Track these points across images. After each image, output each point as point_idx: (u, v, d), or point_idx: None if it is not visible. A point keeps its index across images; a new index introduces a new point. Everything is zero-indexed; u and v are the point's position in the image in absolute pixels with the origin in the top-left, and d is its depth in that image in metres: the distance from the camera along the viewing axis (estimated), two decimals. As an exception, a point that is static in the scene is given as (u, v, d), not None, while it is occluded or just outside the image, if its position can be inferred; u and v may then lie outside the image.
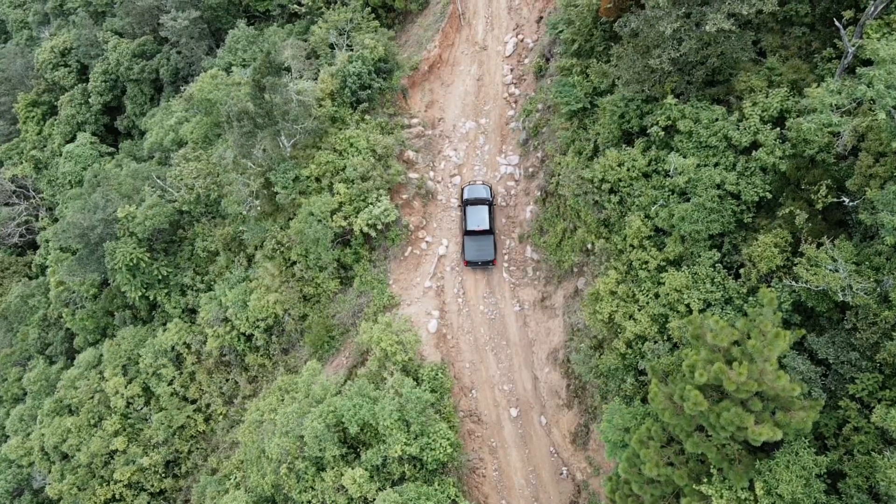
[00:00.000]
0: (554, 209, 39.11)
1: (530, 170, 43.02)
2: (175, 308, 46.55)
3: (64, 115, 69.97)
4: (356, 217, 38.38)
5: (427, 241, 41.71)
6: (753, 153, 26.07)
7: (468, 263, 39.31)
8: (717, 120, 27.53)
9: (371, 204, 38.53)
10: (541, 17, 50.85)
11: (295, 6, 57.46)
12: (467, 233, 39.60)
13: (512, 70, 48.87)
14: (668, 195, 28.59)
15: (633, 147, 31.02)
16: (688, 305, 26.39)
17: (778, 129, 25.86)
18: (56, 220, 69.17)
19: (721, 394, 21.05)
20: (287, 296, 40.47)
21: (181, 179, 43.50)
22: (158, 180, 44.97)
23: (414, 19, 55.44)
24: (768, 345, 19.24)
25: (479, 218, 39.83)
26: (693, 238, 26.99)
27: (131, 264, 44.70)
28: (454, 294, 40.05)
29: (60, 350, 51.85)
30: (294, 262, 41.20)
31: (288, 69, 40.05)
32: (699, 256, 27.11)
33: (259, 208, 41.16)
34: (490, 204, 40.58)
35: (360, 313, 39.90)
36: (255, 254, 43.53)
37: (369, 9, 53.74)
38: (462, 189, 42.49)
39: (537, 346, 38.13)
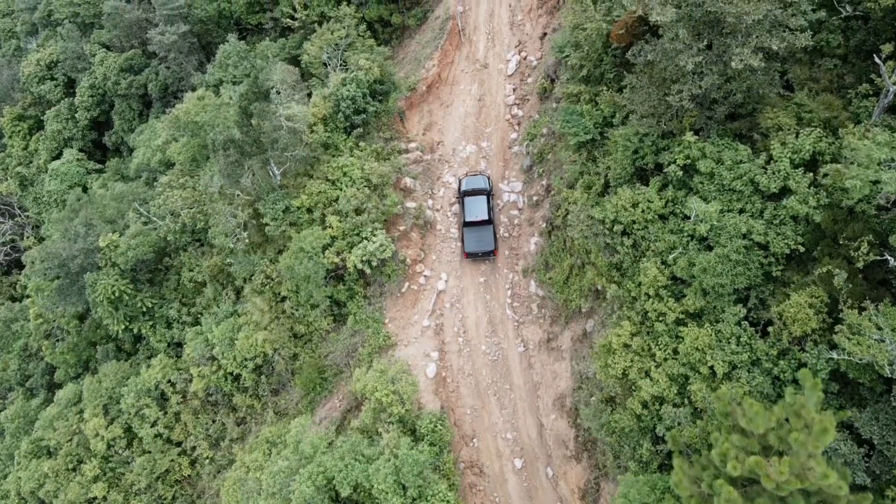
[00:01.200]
0: (560, 243, 36.72)
1: (535, 198, 40.64)
2: (160, 342, 44.16)
3: (50, 131, 67.57)
4: (349, 253, 36.00)
5: (425, 276, 39.31)
6: (784, 201, 23.68)
7: (468, 255, 38.28)
8: (742, 162, 25.15)
9: (365, 239, 36.15)
10: (544, 34, 48.52)
11: (288, 20, 55.10)
12: (466, 224, 38.56)
13: (514, 90, 46.51)
14: (688, 241, 26.22)
15: (647, 186, 28.64)
16: (711, 368, 24.00)
17: (811, 174, 23.47)
18: (42, 240, 66.86)
19: (756, 484, 18.66)
20: (277, 334, 38.07)
21: (166, 207, 41.06)
22: (142, 209, 42.50)
23: (412, 34, 53.11)
24: (813, 439, 16.85)
25: (477, 208, 38.79)
26: (716, 292, 24.60)
27: (113, 297, 42.29)
28: (454, 333, 37.65)
29: (41, 383, 49.45)
30: (284, 298, 38.84)
31: (278, 92, 37.62)
32: (723, 312, 24.72)
33: (247, 240, 38.76)
34: (489, 194, 39.53)
35: (354, 353, 37.51)
36: (244, 287, 41.13)
37: (365, 24, 51.44)
38: (460, 180, 41.05)
39: (543, 390, 35.73)
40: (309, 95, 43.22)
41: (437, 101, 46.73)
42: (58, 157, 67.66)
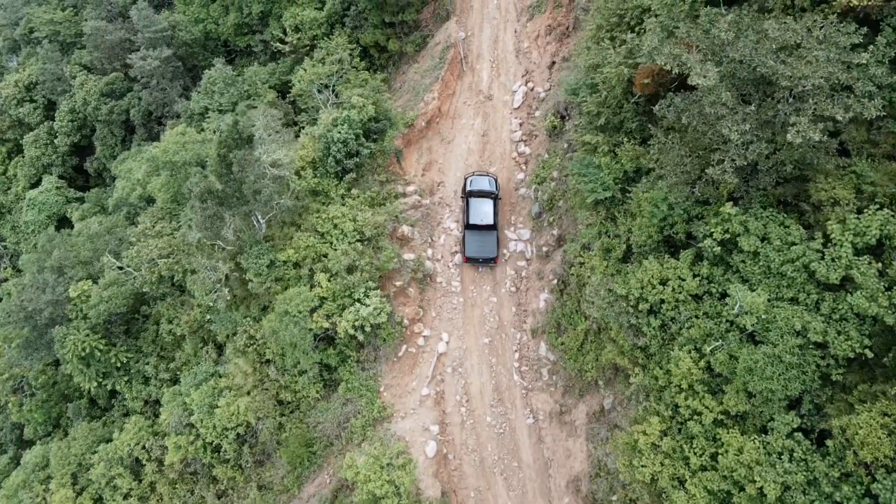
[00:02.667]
0: (574, 304, 33.14)
1: (544, 249, 37.09)
2: (136, 399, 40.60)
3: (29, 157, 63.99)
4: (340, 317, 32.43)
5: (424, 336, 35.71)
6: (847, 296, 20.11)
7: (468, 260, 36.69)
8: (793, 243, 21.58)
9: (358, 301, 32.60)
10: (553, 63, 45.01)
11: (278, 44, 51.59)
12: (469, 227, 36.81)
13: (521, 124, 42.98)
14: (727, 328, 22.68)
15: (677, 258, 25.08)
16: (760, 489, 20.43)
17: (879, 264, 19.92)
18: (20, 271, 63.26)
19: None
20: (261, 401, 34.49)
21: (139, 259, 37.50)
22: (115, 260, 38.89)
23: (410, 60, 49.58)
24: None
25: (482, 211, 36.93)
26: (764, 396, 21.04)
27: (84, 353, 38.72)
28: (456, 402, 34.08)
29: (10, 438, 45.88)
30: (270, 360, 35.29)
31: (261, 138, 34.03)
32: (771, 419, 21.16)
33: (228, 296, 35.19)
34: (495, 197, 37.52)
35: (345, 425, 33.88)
36: (226, 344, 37.55)
37: (360, 51, 47.99)
38: (465, 179, 38.75)
39: (555, 468, 32.16)
40: (297, 134, 39.73)
41: (437, 136, 43.17)
42: (37, 184, 64.19)
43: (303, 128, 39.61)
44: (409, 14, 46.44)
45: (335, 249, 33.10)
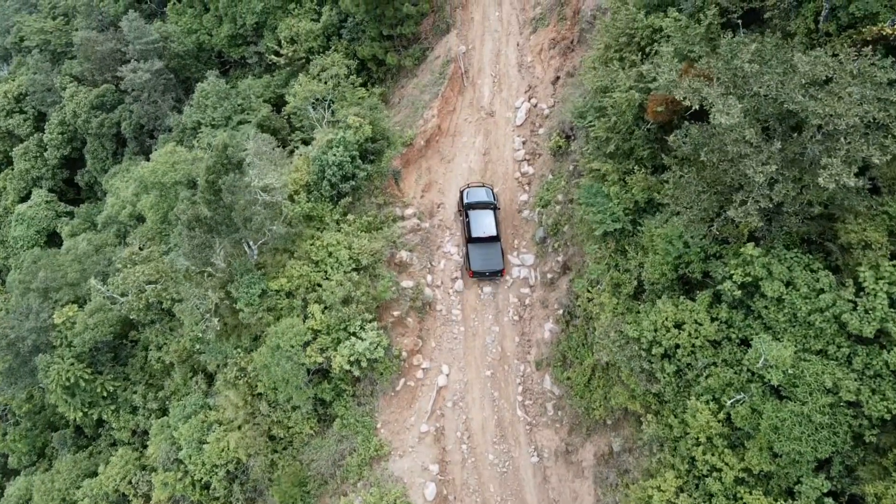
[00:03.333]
0: (581, 337, 31.50)
1: (549, 276, 35.48)
2: (123, 430, 39.00)
3: (18, 170, 62.36)
4: (335, 351, 30.82)
5: (424, 369, 34.10)
6: (883, 352, 18.51)
7: (474, 274, 35.34)
8: (822, 291, 19.98)
9: (353, 335, 31.01)
10: (557, 78, 43.39)
11: (273, 57, 50.00)
12: (471, 240, 35.77)
13: (524, 143, 41.38)
14: (749, 379, 21.09)
15: (694, 299, 23.48)
16: (788, 561, 18.85)
17: (918, 318, 18.33)
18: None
19: None
20: (252, 437, 32.89)
21: (125, 287, 35.89)
22: (101, 286, 37.24)
23: (409, 74, 47.95)
24: None
25: (484, 223, 36.08)
26: (790, 457, 19.44)
27: (68, 383, 37.13)
28: (457, 438, 32.46)
29: (-6, 467, 44.31)
30: (261, 394, 33.67)
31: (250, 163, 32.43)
32: (799, 482, 19.55)
33: (218, 326, 33.58)
34: (495, 208, 36.82)
35: (341, 463, 32.27)
36: (217, 374, 35.95)
37: (357, 63, 46.42)
38: (461, 192, 37.88)
39: (561, 511, 30.56)
40: (292, 153, 38.14)
41: (436, 155, 41.56)
42: (26, 197, 62.58)
43: (297, 147, 37.98)
44: (407, 27, 44.86)
45: (330, 280, 31.49)
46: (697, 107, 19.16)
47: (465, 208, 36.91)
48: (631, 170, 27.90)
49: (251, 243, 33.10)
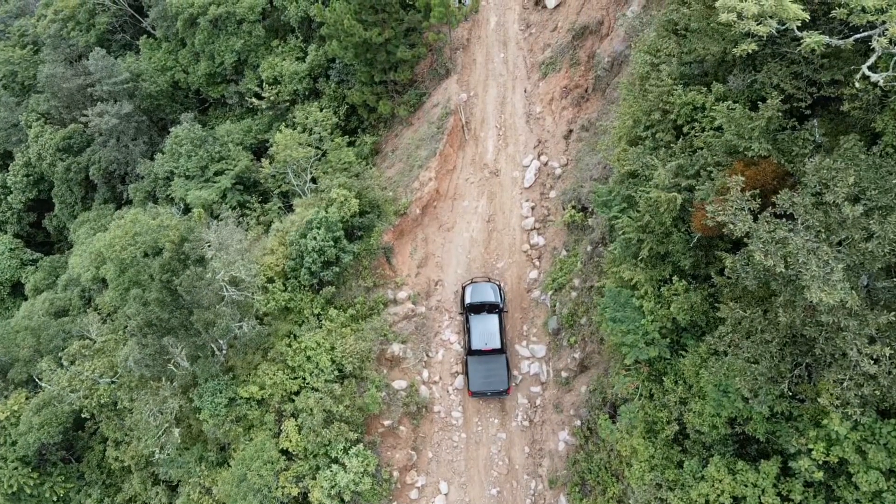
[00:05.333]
0: (603, 457, 26.74)
1: (563, 374, 30.73)
2: (77, 539, 34.16)
3: (-20, 214, 57.54)
4: (314, 480, 26.01)
5: (418, 488, 29.36)
6: None
7: (474, 394, 30.21)
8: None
9: (336, 460, 26.19)
10: (570, 131, 38.61)
11: (254, 100, 45.20)
12: (471, 352, 30.62)
13: (533, 208, 36.58)
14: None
15: (756, 466, 18.69)
16: None
17: None
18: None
19: None
20: (218, 570, 28.11)
21: (72, 388, 31.07)
22: (47, 386, 32.33)
23: (404, 121, 43.08)
24: None
25: (486, 332, 31.01)
26: None
27: (10, 491, 32.31)
28: (458, 577, 27.71)
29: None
30: (230, 516, 28.86)
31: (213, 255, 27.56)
32: None
33: (179, 439, 28.80)
34: (501, 311, 31.70)
35: None
36: (180, 486, 31.12)
37: (346, 110, 41.66)
38: (463, 288, 32.84)
39: None
40: (268, 228, 33.37)
41: (434, 223, 36.71)
42: (-11, 244, 57.64)
43: (272, 222, 33.17)
44: (402, 72, 40.06)
45: (308, 395, 26.64)
46: (782, 270, 14.31)
47: (467, 310, 31.84)
48: (668, 278, 23.11)
49: (222, 343, 28.29)
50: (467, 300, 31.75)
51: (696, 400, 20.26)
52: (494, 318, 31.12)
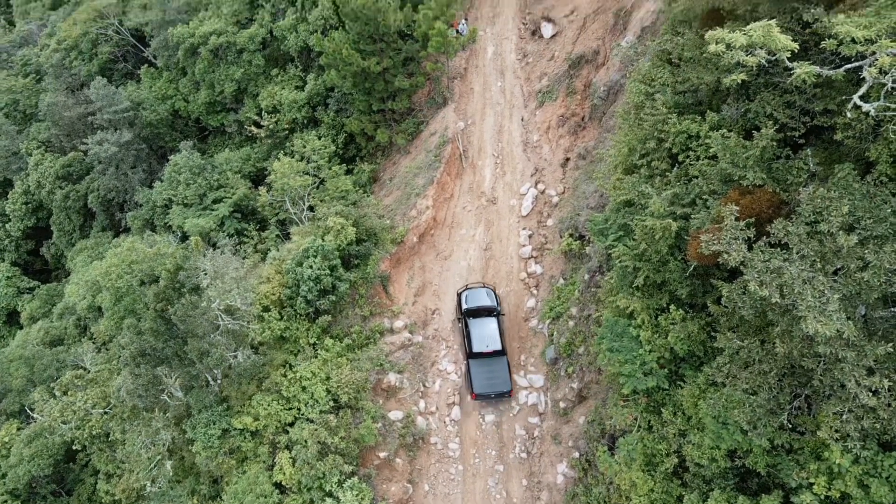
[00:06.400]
0: (602, 491, 26.21)
1: (562, 405, 30.32)
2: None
3: (-22, 242, 57.54)
4: (307, 514, 25.53)
5: (415, 521, 28.79)
6: None
7: (478, 397, 30.58)
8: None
9: (330, 494, 25.71)
10: (567, 159, 38.82)
11: (253, 128, 45.49)
12: (472, 355, 31.13)
13: (531, 236, 36.54)
14: None
15: (756, 497, 18.30)
16: None
17: None
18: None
19: None
20: None
21: (63, 419, 30.66)
22: (39, 416, 31.92)
23: (402, 149, 43.28)
24: None
25: (486, 335, 31.56)
26: None
27: (-1, 526, 31.74)
28: None
29: None
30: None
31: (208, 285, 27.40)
32: None
33: (171, 472, 28.32)
34: (499, 314, 32.52)
35: None
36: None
37: (345, 138, 41.87)
38: (459, 295, 33.47)
39: None
40: (265, 256, 33.28)
41: (431, 251, 36.65)
42: (-13, 272, 57.55)
43: (269, 250, 33.09)
44: (400, 101, 40.35)
45: (302, 427, 26.25)
46: (778, 300, 14.16)
47: (465, 315, 32.20)
48: (665, 307, 22.92)
49: (217, 373, 27.97)
50: (464, 306, 32.32)
51: (696, 432, 19.94)
52: (493, 321, 31.68)
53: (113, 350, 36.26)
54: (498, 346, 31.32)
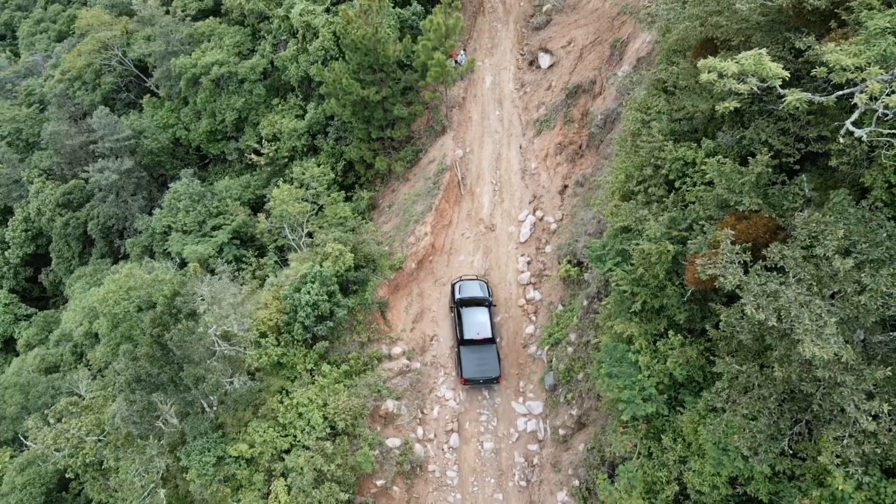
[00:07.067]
0: (602, 521, 25.81)
1: (561, 432, 30.01)
2: None
3: (-24, 269, 57.52)
4: (302, 544, 25.09)
5: (412, 552, 28.29)
6: None
7: (466, 381, 31.53)
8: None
9: (326, 523, 25.30)
10: (565, 187, 39.07)
11: (253, 156, 45.86)
12: (464, 342, 32.25)
13: (529, 263, 36.59)
14: None
15: (758, 527, 18.05)
16: None
17: None
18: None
19: None
20: None
21: (56, 447, 30.33)
22: (32, 444, 31.59)
23: (400, 176, 43.62)
24: None
25: (477, 323, 32.73)
26: None
27: (-11, 557, 31.13)
28: None
29: None
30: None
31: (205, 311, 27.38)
32: None
33: (165, 500, 27.90)
34: (490, 304, 33.64)
35: None
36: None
37: (344, 165, 42.19)
38: (453, 285, 34.56)
39: None
40: (263, 282, 33.27)
41: (429, 277, 36.67)
42: (-15, 299, 57.45)
43: (267, 276, 33.12)
44: (398, 130, 40.79)
45: (298, 454, 25.98)
46: (775, 324, 14.17)
47: (457, 304, 33.51)
48: (663, 332, 22.87)
49: (212, 400, 27.74)
50: (457, 296, 33.42)
51: (696, 458, 19.74)
52: (485, 311, 32.86)
53: (108, 376, 36.03)
54: (488, 335, 32.38)
